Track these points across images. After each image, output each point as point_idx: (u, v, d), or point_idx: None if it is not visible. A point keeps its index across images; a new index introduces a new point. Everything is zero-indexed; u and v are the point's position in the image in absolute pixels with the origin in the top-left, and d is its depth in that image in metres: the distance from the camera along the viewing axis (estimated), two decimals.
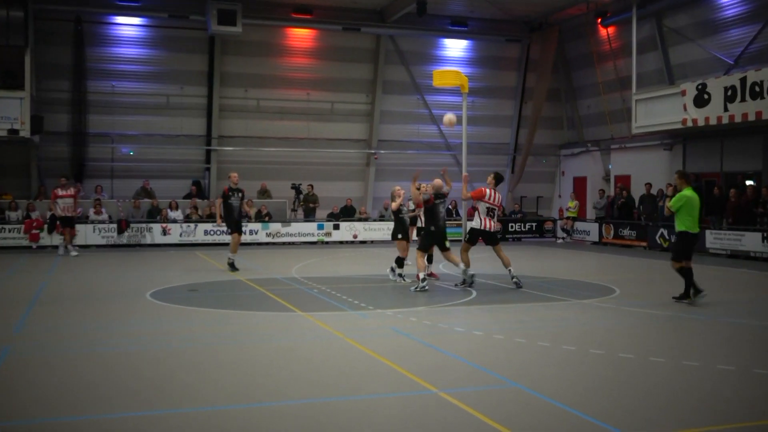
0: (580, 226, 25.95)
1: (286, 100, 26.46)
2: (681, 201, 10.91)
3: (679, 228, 10.99)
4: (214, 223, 22.85)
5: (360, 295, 11.71)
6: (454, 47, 28.26)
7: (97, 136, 24.51)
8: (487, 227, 12.64)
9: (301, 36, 26.53)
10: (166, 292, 12.18)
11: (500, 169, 28.77)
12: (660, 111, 22.24)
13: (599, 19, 26.45)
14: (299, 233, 24.13)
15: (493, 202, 12.69)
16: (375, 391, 6.28)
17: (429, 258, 14.04)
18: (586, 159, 28.78)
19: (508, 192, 29.12)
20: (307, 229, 24.27)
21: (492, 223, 12.72)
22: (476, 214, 12.70)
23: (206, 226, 23.06)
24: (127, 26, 24.99)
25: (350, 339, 8.34)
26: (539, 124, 28.56)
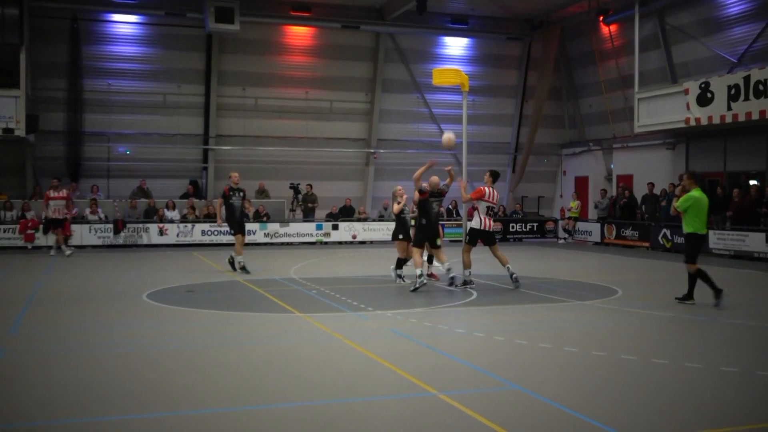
0: (581, 226, 25.96)
1: (284, 99, 26.47)
2: (689, 202, 10.87)
3: (688, 230, 10.92)
4: (212, 224, 22.91)
5: (359, 296, 11.72)
6: (455, 45, 28.28)
7: (93, 135, 24.52)
8: (487, 227, 12.74)
9: (300, 34, 26.54)
10: (163, 293, 12.19)
11: (497, 167, 28.78)
12: (663, 110, 22.25)
13: (601, 17, 26.48)
14: (298, 233, 24.13)
15: (493, 200, 12.80)
16: (374, 393, 6.29)
17: (429, 259, 14.12)
18: (587, 158, 28.79)
19: (509, 192, 29.14)
20: (306, 230, 24.27)
21: (491, 222, 12.83)
22: (476, 214, 12.74)
23: (203, 227, 23.07)
24: (124, 24, 25.01)
25: (349, 340, 8.34)
26: (540, 123, 28.57)
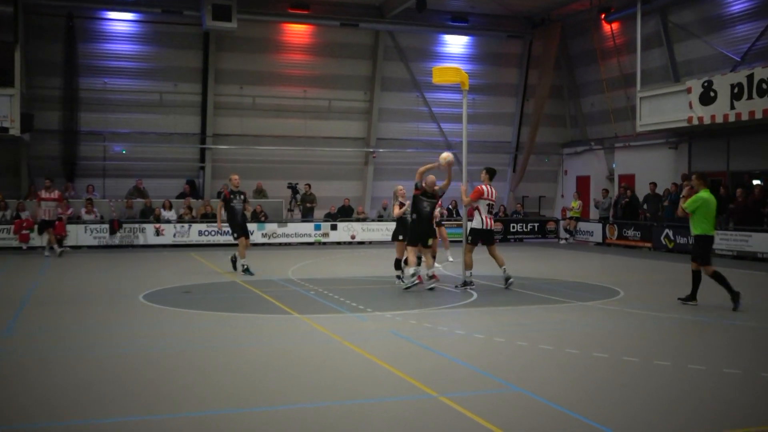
0: (583, 226, 25.96)
1: (282, 98, 26.47)
2: (697, 203, 10.81)
3: (697, 231, 10.85)
4: (209, 224, 22.91)
5: (358, 297, 11.71)
6: (455, 43, 28.28)
7: (89, 134, 24.51)
8: (489, 226, 12.82)
9: (298, 32, 26.53)
10: (160, 294, 12.18)
11: (497, 167, 28.76)
12: (665, 109, 22.25)
13: (603, 15, 26.49)
14: (296, 234, 24.13)
15: (492, 197, 12.86)
16: (373, 395, 6.28)
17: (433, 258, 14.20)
18: (589, 158, 28.80)
19: (510, 191, 29.15)
20: (304, 230, 24.27)
21: (491, 220, 12.90)
22: (476, 214, 12.77)
23: (200, 227, 23.06)
24: (120, 22, 25.00)
25: (348, 342, 8.34)
26: (541, 122, 28.58)
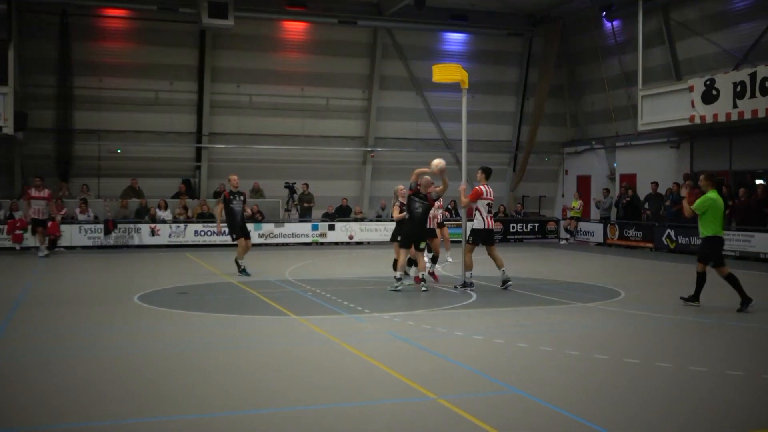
0: (583, 226, 25.97)
1: (279, 96, 26.45)
2: (707, 204, 10.76)
3: (708, 233, 10.80)
4: (205, 224, 22.92)
5: (356, 298, 11.71)
6: (454, 41, 28.28)
7: (84, 132, 24.49)
8: (490, 226, 12.89)
9: (296, 29, 26.53)
10: (155, 295, 12.17)
11: (497, 166, 28.80)
12: (667, 107, 22.25)
13: (604, 13, 26.48)
14: (293, 234, 24.12)
15: (491, 197, 12.91)
16: (371, 397, 6.28)
17: (434, 258, 14.30)
18: (590, 157, 28.81)
19: (510, 191, 29.14)
20: (302, 230, 24.27)
21: (492, 220, 12.97)
22: (477, 214, 12.79)
23: (196, 227, 23.05)
24: (115, 19, 24.99)
25: (346, 343, 8.34)
26: (542, 121, 28.57)
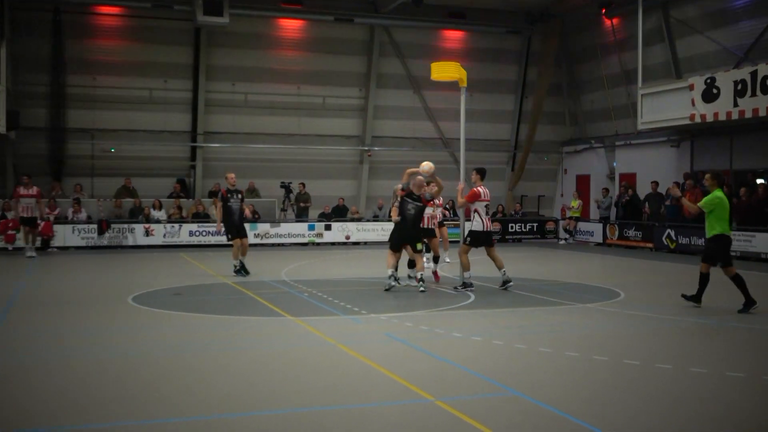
0: (583, 226, 25.99)
1: (275, 95, 26.43)
2: (714, 203, 10.70)
3: (715, 232, 10.74)
4: (200, 224, 22.90)
5: (353, 299, 11.71)
6: (452, 39, 28.29)
7: (77, 131, 24.45)
8: (489, 227, 12.92)
9: (291, 27, 26.51)
10: (149, 296, 12.16)
11: (496, 165, 28.88)
12: (667, 106, 22.28)
13: (603, 10, 26.50)
14: (289, 234, 24.11)
15: (488, 198, 12.94)
16: (368, 399, 6.28)
17: (435, 259, 14.37)
18: (589, 156, 28.83)
19: (508, 191, 29.15)
20: (298, 230, 24.26)
21: (490, 221, 13.00)
22: (476, 216, 12.80)
23: (191, 227, 23.03)
24: (109, 16, 24.95)
25: (343, 345, 8.34)
26: (540, 120, 28.60)
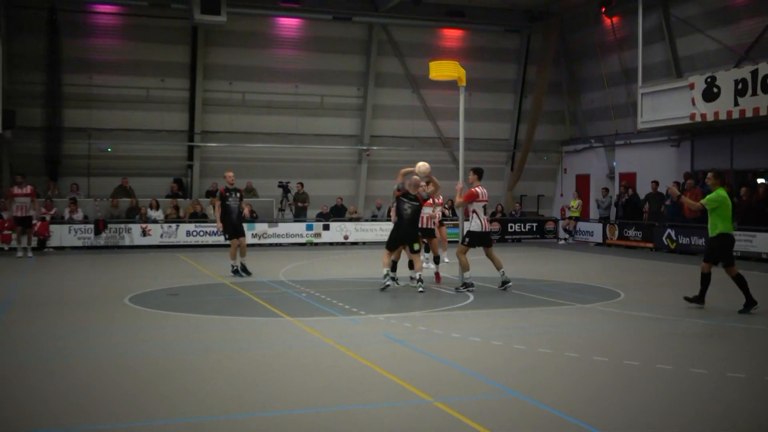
0: (582, 226, 26.00)
1: (273, 94, 26.42)
2: (718, 200, 10.64)
3: (718, 231, 10.67)
4: (197, 224, 22.90)
5: (351, 300, 11.71)
6: (451, 38, 28.29)
7: (73, 131, 24.43)
8: (488, 228, 12.95)
9: (289, 26, 26.50)
10: (146, 297, 12.15)
11: (495, 165, 28.91)
12: (667, 105, 22.28)
13: (603, 8, 26.51)
14: (287, 234, 24.10)
15: (486, 198, 12.96)
16: (367, 401, 6.28)
17: (436, 259, 14.43)
18: (589, 156, 28.83)
19: (508, 190, 29.15)
20: (296, 230, 24.24)
21: (488, 222, 13.03)
22: (474, 216, 12.81)
23: (188, 227, 23.02)
24: (105, 15, 24.93)
25: (341, 346, 8.33)
26: (540, 119, 28.59)
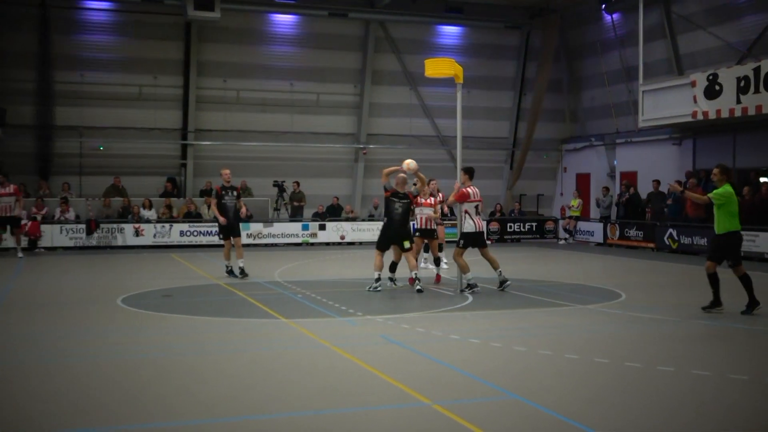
0: (583, 226, 26.02)
1: (268, 92, 26.41)
2: (726, 197, 10.54)
3: (725, 229, 10.58)
4: (191, 224, 22.90)
5: (348, 301, 11.70)
6: (449, 34, 28.31)
7: (65, 129, 24.41)
8: (481, 228, 12.92)
9: (284, 22, 26.50)
10: (139, 298, 12.14)
11: (494, 164, 28.95)
12: (668, 103, 22.30)
13: (604, 5, 26.55)
14: (282, 234, 24.09)
15: (478, 198, 12.93)
16: (364, 403, 6.27)
17: (436, 261, 14.43)
18: (589, 154, 28.86)
19: (507, 189, 29.17)
20: (291, 230, 24.23)
21: (482, 222, 12.99)
22: (467, 217, 12.81)
23: (182, 227, 23.00)
24: (97, 11, 24.92)
25: (337, 348, 8.32)
26: (540, 117, 28.62)
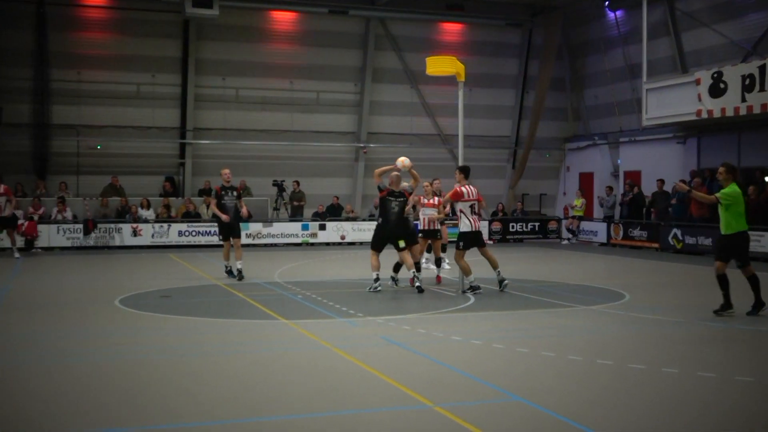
0: (586, 226, 26.01)
1: (267, 90, 26.41)
2: (733, 197, 10.52)
3: (732, 229, 10.54)
4: (189, 223, 22.92)
5: (348, 302, 11.71)
6: (450, 32, 28.30)
7: (62, 128, 24.41)
8: (478, 227, 12.88)
9: (284, 19, 26.50)
10: (137, 299, 12.15)
11: (496, 163, 28.95)
12: (672, 101, 22.30)
13: (607, 2, 26.54)
14: (282, 234, 24.10)
15: (473, 197, 12.90)
16: (365, 405, 6.28)
17: (437, 262, 14.44)
18: (592, 153, 28.85)
19: (509, 189, 29.17)
20: (291, 230, 24.24)
21: (479, 221, 12.95)
22: (462, 217, 12.80)
23: (180, 227, 23.01)
24: (95, 8, 24.92)
25: (338, 349, 8.33)
26: (542, 116, 28.60)
